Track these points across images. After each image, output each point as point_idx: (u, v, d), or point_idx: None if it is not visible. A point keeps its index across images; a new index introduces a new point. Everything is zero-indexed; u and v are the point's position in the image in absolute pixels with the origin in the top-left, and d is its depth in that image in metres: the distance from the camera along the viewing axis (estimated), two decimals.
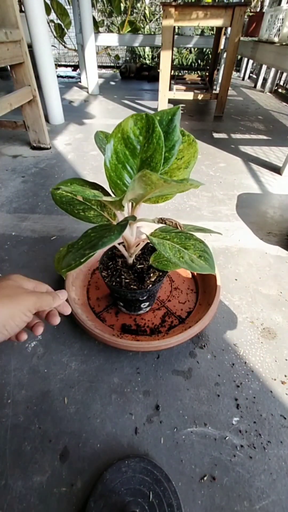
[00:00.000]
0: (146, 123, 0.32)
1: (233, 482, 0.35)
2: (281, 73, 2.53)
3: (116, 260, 0.50)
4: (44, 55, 1.33)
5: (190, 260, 0.34)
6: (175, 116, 0.35)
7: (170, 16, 1.45)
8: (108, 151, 0.33)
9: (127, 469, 0.35)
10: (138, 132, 0.32)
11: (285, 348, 0.51)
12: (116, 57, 3.85)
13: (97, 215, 0.40)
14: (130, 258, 0.47)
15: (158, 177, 0.24)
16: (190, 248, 0.36)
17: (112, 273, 0.48)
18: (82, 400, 0.43)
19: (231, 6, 1.40)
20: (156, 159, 0.32)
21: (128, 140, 0.33)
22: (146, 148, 0.33)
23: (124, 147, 0.33)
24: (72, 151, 1.27)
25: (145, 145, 0.33)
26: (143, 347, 0.44)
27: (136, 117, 0.32)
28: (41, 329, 0.32)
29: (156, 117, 0.34)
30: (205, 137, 1.47)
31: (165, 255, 0.34)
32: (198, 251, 0.36)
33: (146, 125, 0.32)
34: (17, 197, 0.93)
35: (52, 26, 2.98)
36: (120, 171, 0.34)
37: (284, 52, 1.41)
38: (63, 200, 0.39)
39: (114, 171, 0.34)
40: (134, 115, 0.32)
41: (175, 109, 0.35)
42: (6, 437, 0.39)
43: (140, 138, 0.33)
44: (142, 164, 0.34)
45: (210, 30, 3.32)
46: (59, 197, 0.39)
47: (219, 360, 0.49)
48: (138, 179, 0.26)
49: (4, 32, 0.86)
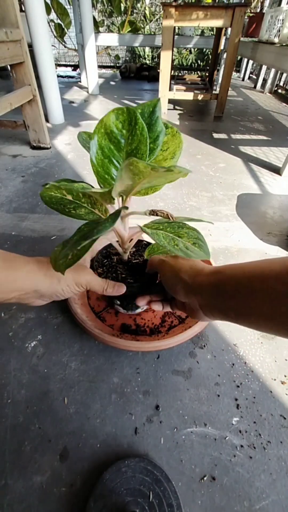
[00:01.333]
0: (128, 116, 0.32)
1: (233, 482, 0.35)
2: (281, 74, 2.54)
3: (111, 257, 0.50)
4: (44, 54, 1.33)
5: (185, 248, 0.34)
6: (156, 108, 0.35)
7: (170, 16, 1.46)
8: (93, 147, 0.33)
9: (127, 469, 0.35)
10: (121, 125, 0.32)
11: (285, 348, 0.51)
12: (116, 57, 3.86)
13: (88, 212, 0.39)
14: (125, 254, 0.47)
15: (145, 164, 0.24)
16: (183, 236, 0.36)
17: (108, 270, 0.48)
18: (82, 400, 0.43)
19: (231, 7, 1.40)
20: (142, 150, 0.32)
21: (112, 134, 0.33)
22: (131, 140, 0.33)
23: (108, 141, 0.33)
24: (72, 151, 1.27)
25: (129, 138, 0.33)
26: (143, 347, 0.44)
27: (117, 111, 0.32)
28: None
29: (137, 110, 0.34)
30: (205, 138, 1.47)
31: (159, 244, 0.33)
32: (192, 238, 0.36)
33: (128, 118, 0.32)
34: (17, 197, 0.93)
35: (52, 25, 2.98)
36: (107, 166, 0.34)
37: (284, 53, 1.41)
38: (53, 201, 0.39)
39: (101, 166, 0.34)
40: (115, 109, 0.32)
41: (156, 101, 0.35)
42: (6, 437, 0.39)
43: (124, 131, 0.33)
44: (128, 157, 0.34)
45: (210, 31, 3.32)
46: (49, 198, 0.39)
47: (219, 360, 0.49)
48: (125, 168, 0.25)
49: (4, 32, 0.86)
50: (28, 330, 0.52)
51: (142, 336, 0.50)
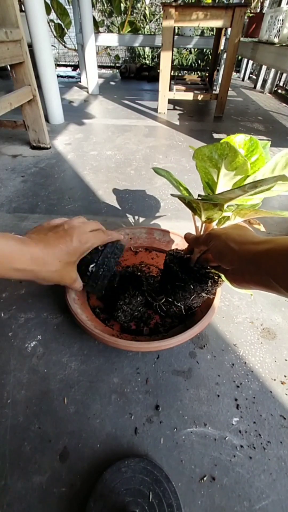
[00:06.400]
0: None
1: (233, 482, 0.36)
2: (281, 74, 2.54)
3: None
4: (44, 54, 1.33)
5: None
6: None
7: (170, 16, 1.46)
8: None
9: (127, 469, 0.35)
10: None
11: (285, 349, 0.51)
12: (116, 57, 3.86)
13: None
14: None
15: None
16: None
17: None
18: (82, 400, 0.43)
19: (231, 7, 1.41)
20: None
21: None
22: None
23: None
24: (72, 151, 1.27)
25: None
26: (143, 347, 0.44)
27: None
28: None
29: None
30: (205, 138, 1.47)
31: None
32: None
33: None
34: (16, 197, 0.93)
35: (52, 25, 2.98)
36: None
37: (284, 53, 1.41)
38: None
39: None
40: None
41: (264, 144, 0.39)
42: (6, 437, 0.39)
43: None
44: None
45: (210, 31, 3.32)
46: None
47: (219, 360, 0.49)
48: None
49: (4, 32, 0.86)
50: (28, 330, 0.52)
51: (142, 336, 0.50)
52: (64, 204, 0.89)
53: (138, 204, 0.91)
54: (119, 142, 1.39)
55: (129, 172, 1.11)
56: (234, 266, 0.32)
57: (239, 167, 0.32)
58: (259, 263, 0.28)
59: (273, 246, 0.28)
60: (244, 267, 0.31)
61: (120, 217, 0.84)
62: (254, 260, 0.29)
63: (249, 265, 0.30)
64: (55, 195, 0.95)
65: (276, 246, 0.27)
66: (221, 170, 0.34)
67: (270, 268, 0.27)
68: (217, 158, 0.33)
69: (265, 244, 0.29)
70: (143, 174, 1.10)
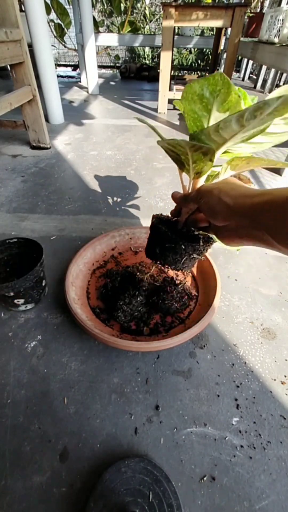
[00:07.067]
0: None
1: (233, 482, 0.36)
2: (281, 74, 2.54)
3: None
4: (44, 54, 1.33)
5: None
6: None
7: (170, 16, 1.46)
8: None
9: (126, 469, 0.35)
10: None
11: (285, 349, 0.51)
12: (116, 57, 3.85)
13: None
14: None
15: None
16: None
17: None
18: (82, 400, 0.43)
19: (231, 7, 1.41)
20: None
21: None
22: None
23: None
24: (72, 151, 1.27)
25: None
26: (143, 347, 0.44)
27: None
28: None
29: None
30: None
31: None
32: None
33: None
34: (16, 197, 0.93)
35: (52, 25, 2.98)
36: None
37: (284, 53, 1.41)
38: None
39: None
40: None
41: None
42: (6, 437, 0.39)
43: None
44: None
45: (210, 31, 3.32)
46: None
47: (219, 360, 0.49)
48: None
49: (4, 32, 0.86)
50: (28, 330, 0.52)
51: (142, 336, 0.50)
52: (64, 204, 0.89)
53: (138, 204, 0.91)
54: (119, 142, 1.39)
55: (129, 172, 1.11)
56: (228, 222, 0.30)
57: (232, 107, 0.29)
58: (255, 216, 0.27)
59: (271, 197, 0.26)
60: (238, 222, 0.29)
61: (120, 217, 0.85)
62: (250, 213, 0.27)
63: (244, 219, 0.28)
64: (55, 195, 0.95)
65: (274, 198, 0.25)
66: (212, 113, 0.31)
67: (267, 221, 0.26)
68: (208, 96, 0.30)
69: (261, 197, 0.27)
70: (143, 174, 1.10)
